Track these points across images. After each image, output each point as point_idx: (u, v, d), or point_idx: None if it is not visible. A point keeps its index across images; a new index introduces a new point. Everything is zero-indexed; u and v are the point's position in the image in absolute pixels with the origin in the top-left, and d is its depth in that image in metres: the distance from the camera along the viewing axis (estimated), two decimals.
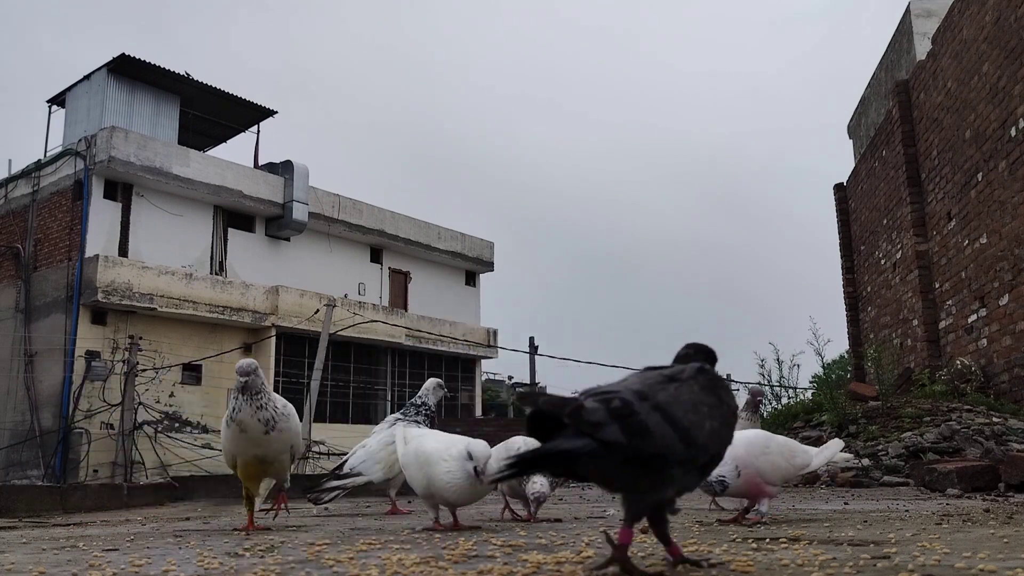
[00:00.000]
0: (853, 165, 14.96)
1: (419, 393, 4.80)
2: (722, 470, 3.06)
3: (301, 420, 15.07)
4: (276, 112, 22.41)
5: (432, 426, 4.50)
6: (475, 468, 2.98)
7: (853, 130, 16.00)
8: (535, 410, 1.64)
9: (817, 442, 6.73)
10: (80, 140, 18.78)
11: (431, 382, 4.89)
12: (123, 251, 18.50)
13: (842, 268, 14.83)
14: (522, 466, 1.68)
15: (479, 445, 3.10)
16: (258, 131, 22.73)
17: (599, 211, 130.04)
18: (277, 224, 21.51)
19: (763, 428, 4.40)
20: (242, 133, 23.06)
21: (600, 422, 1.58)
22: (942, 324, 10.34)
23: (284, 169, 21.61)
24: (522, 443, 3.48)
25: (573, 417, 1.59)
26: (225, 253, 20.68)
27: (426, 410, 4.65)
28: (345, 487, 4.55)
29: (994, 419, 7.46)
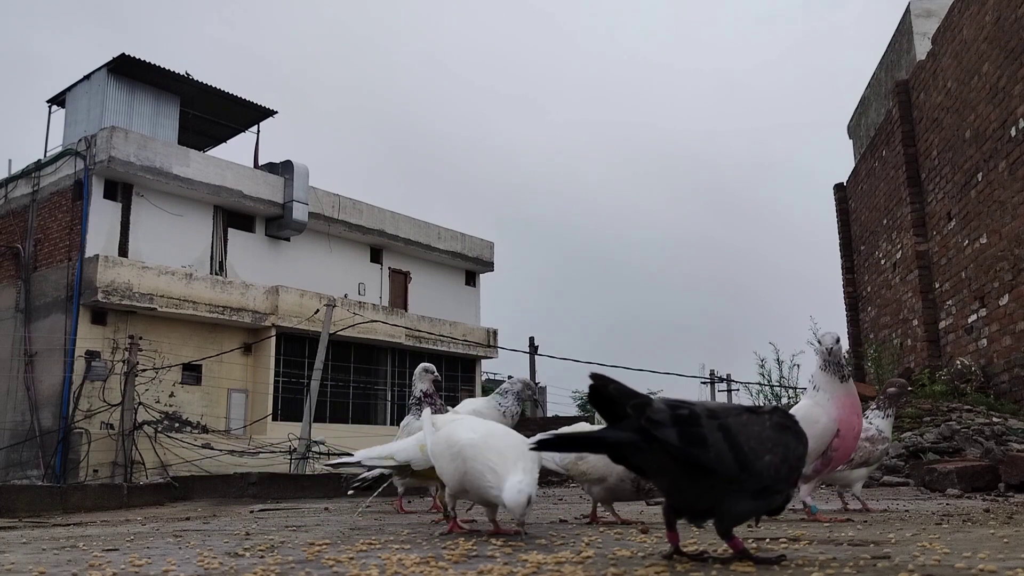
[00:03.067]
0: (853, 165, 14.96)
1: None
2: None
3: (301, 420, 14.89)
4: (276, 112, 22.44)
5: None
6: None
7: (853, 130, 16.00)
8: (603, 392, 1.71)
9: None
10: (80, 140, 18.79)
11: (417, 369, 4.65)
12: (123, 251, 18.50)
13: (842, 268, 14.83)
14: (567, 445, 1.88)
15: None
16: (258, 131, 22.76)
17: (596, 211, 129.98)
18: (277, 224, 21.51)
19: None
20: (242, 133, 23.07)
21: (661, 422, 1.67)
22: (942, 324, 10.34)
23: (284, 169, 21.62)
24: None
25: (637, 409, 1.67)
26: (225, 253, 20.69)
27: (426, 400, 4.38)
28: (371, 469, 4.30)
29: (994, 419, 7.46)
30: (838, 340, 3.19)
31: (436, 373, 4.79)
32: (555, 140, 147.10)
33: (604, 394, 1.71)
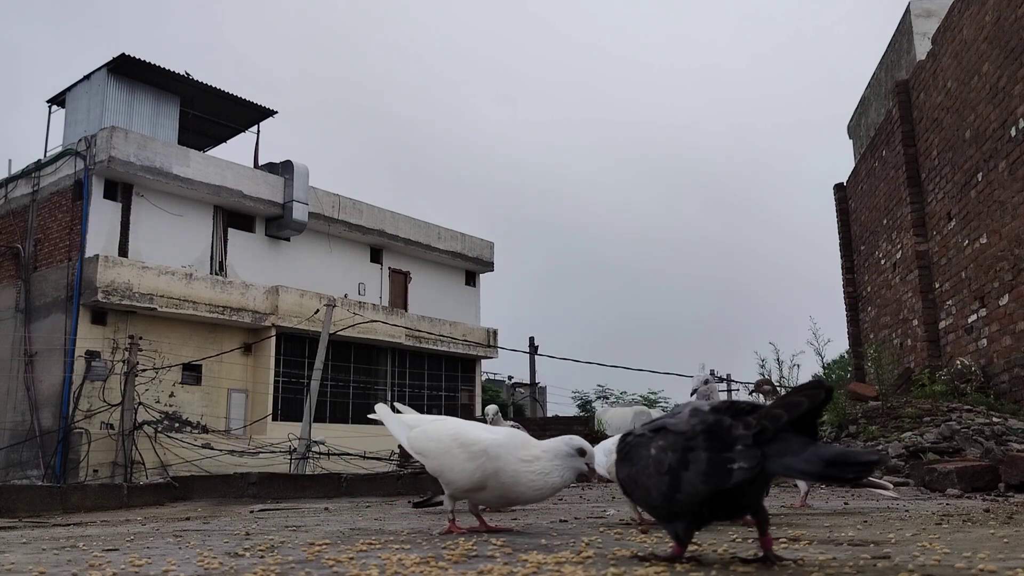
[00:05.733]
0: (853, 165, 14.96)
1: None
2: None
3: (301, 420, 14.85)
4: (276, 112, 22.45)
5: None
6: (588, 465, 2.77)
7: (853, 130, 16.00)
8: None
9: None
10: (80, 140, 18.80)
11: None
12: (123, 251, 18.51)
13: (842, 268, 14.83)
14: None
15: (583, 441, 2.84)
16: (258, 131, 22.77)
17: (596, 211, 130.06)
18: (277, 224, 21.52)
19: None
20: (242, 133, 23.08)
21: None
22: (942, 324, 10.34)
23: (284, 169, 21.63)
24: (612, 446, 3.31)
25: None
26: (225, 253, 20.69)
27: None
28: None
29: (994, 419, 7.46)
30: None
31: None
32: (554, 141, 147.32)
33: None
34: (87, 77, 20.17)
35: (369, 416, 3.43)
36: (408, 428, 3.11)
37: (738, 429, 1.66)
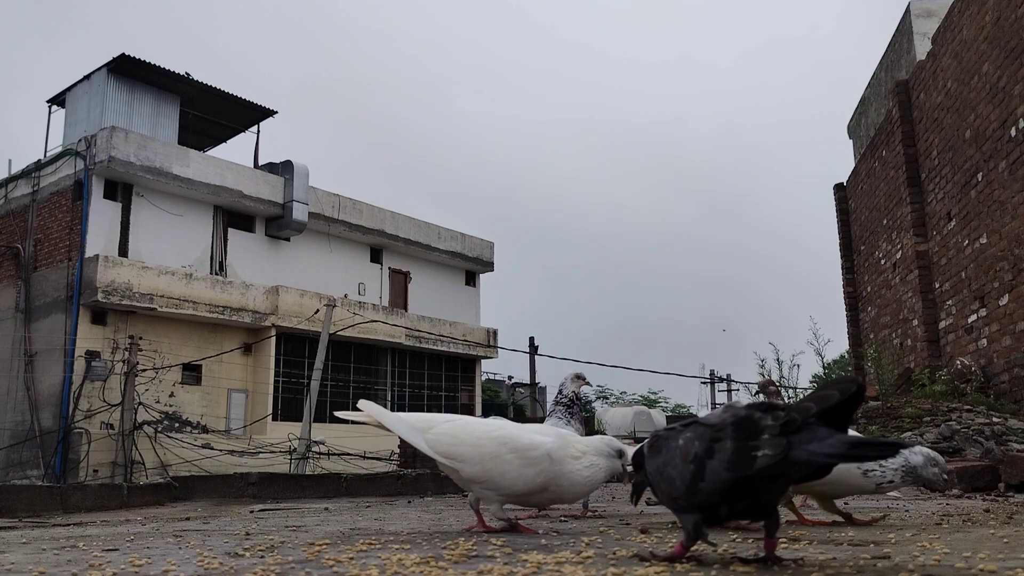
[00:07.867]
0: (853, 165, 14.96)
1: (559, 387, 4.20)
2: None
3: (301, 420, 14.81)
4: (276, 112, 22.45)
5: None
6: (624, 467, 2.80)
7: (853, 130, 15.99)
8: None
9: None
10: (80, 140, 18.80)
11: (568, 374, 4.24)
12: (123, 251, 18.51)
13: (842, 268, 14.83)
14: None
15: (620, 443, 2.91)
16: (258, 131, 22.77)
17: (595, 211, 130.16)
18: (277, 224, 21.52)
19: None
20: (242, 133, 23.07)
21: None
22: (942, 324, 10.34)
23: (284, 169, 21.62)
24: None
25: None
26: (225, 253, 20.69)
27: (568, 404, 4.07)
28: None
29: (994, 419, 7.46)
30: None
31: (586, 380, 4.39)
32: (553, 140, 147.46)
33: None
34: (87, 77, 20.17)
35: (338, 414, 3.11)
36: (419, 430, 2.87)
37: (766, 420, 1.70)
